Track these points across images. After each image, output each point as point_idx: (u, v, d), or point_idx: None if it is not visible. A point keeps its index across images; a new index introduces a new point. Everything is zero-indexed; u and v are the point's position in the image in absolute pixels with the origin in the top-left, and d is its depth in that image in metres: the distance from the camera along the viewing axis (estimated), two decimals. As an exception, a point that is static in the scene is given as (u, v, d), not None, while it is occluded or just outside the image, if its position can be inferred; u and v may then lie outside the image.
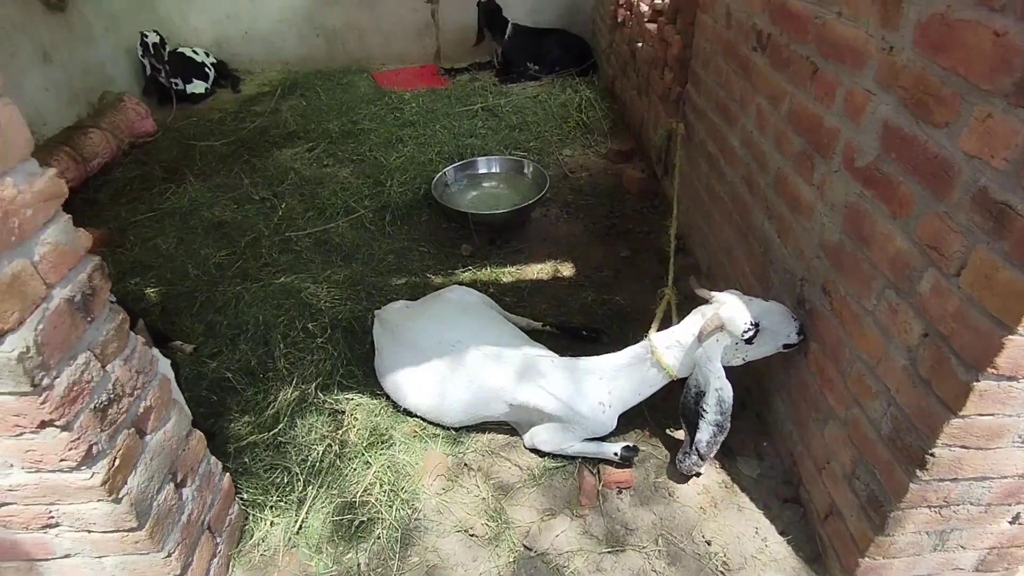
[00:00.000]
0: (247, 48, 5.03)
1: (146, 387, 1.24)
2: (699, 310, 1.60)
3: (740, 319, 1.47)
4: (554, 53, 4.61)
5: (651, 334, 1.65)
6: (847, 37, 1.33)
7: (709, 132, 2.29)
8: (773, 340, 1.51)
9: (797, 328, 1.50)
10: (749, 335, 1.47)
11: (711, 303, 1.58)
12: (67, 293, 1.02)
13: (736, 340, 1.50)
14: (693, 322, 1.59)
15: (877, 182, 1.24)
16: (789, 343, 1.51)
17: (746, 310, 1.48)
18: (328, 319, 2.15)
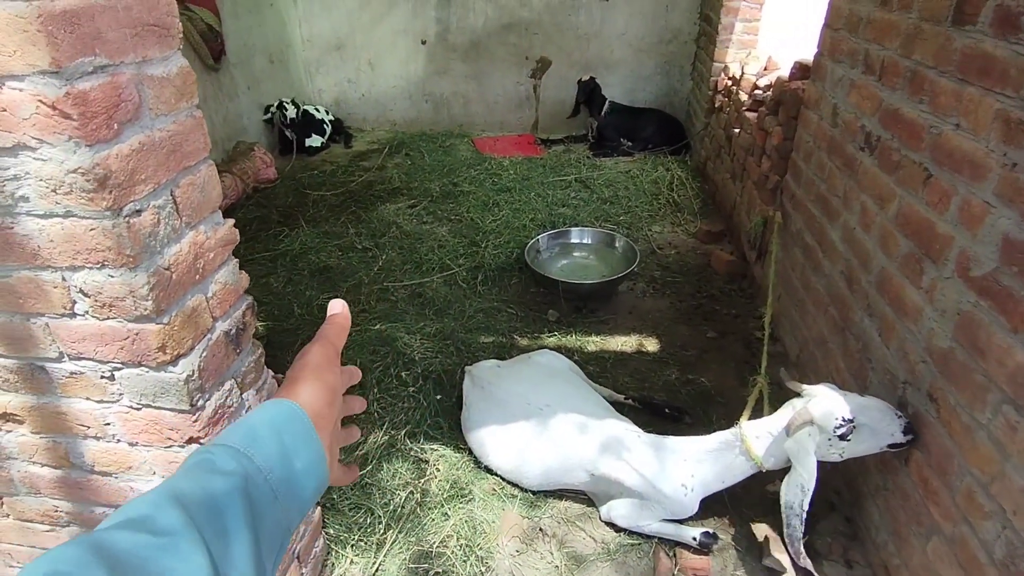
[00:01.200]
0: (361, 108, 5.50)
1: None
2: (791, 403, 1.58)
3: (832, 414, 1.43)
4: (648, 131, 4.76)
5: (742, 422, 1.64)
6: (965, 149, 1.35)
7: (807, 223, 2.30)
8: (874, 438, 1.43)
9: (903, 427, 1.42)
10: (841, 432, 1.43)
11: (803, 396, 1.56)
12: (226, 326, 1.17)
13: (829, 436, 1.46)
14: (785, 415, 1.57)
15: (995, 294, 1.22)
16: (895, 443, 1.43)
17: (840, 405, 1.44)
18: (421, 369, 2.26)
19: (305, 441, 0.46)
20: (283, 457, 0.44)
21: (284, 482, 0.43)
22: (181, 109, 1.01)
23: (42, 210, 0.89)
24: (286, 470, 0.44)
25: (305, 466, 0.45)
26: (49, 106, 0.80)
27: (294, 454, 0.45)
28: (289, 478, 0.44)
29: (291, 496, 0.44)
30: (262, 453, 0.43)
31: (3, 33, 0.76)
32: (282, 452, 0.44)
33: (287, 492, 0.43)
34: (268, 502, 0.42)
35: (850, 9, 2.03)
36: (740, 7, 3.95)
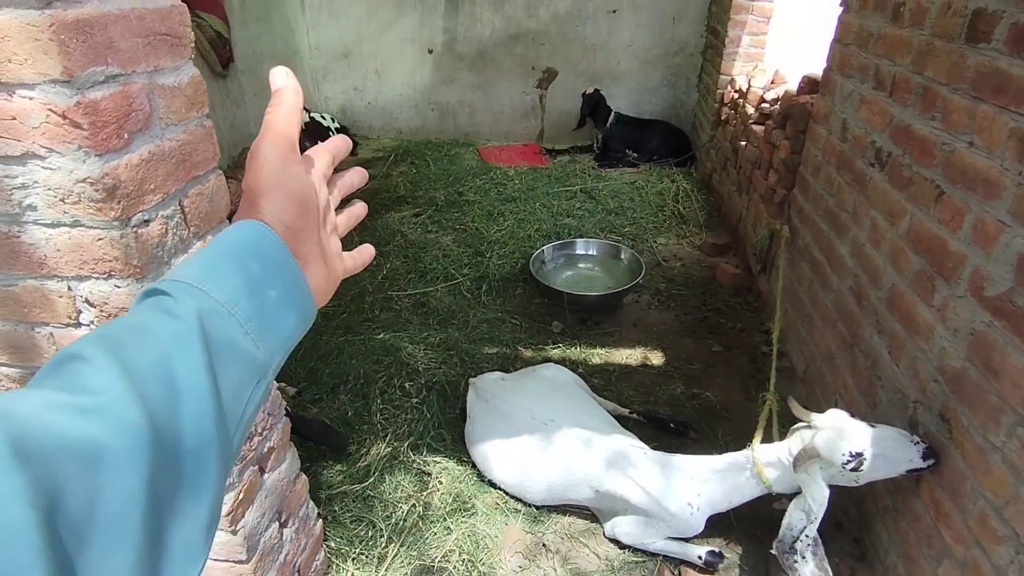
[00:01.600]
0: (367, 116, 5.51)
1: (273, 428, 1.34)
2: (800, 433, 1.53)
3: (839, 450, 1.36)
4: (654, 142, 4.77)
5: (755, 444, 1.61)
6: (979, 167, 1.34)
7: (815, 238, 2.29)
8: (890, 465, 1.38)
9: (922, 452, 1.36)
10: (850, 466, 1.36)
11: (811, 424, 1.50)
12: (231, 337, 1.15)
13: (839, 469, 1.41)
14: (796, 443, 1.52)
15: (1010, 314, 1.21)
16: (915, 468, 1.37)
17: (848, 438, 1.37)
18: (424, 380, 2.25)
19: (278, 266, 0.39)
20: (251, 288, 0.38)
21: (256, 317, 0.37)
22: (191, 119, 1.01)
23: (49, 219, 0.88)
24: (256, 302, 0.38)
25: (281, 295, 0.39)
26: (59, 115, 0.79)
27: (265, 282, 0.38)
28: (262, 311, 0.38)
29: (267, 331, 0.38)
30: (222, 287, 0.37)
31: (14, 41, 0.75)
32: (249, 283, 0.38)
33: (261, 327, 0.37)
34: (233, 342, 0.36)
35: (860, 24, 2.03)
36: (747, 21, 3.96)
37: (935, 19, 1.55)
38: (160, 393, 0.31)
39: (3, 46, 0.75)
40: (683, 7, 4.73)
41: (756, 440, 1.67)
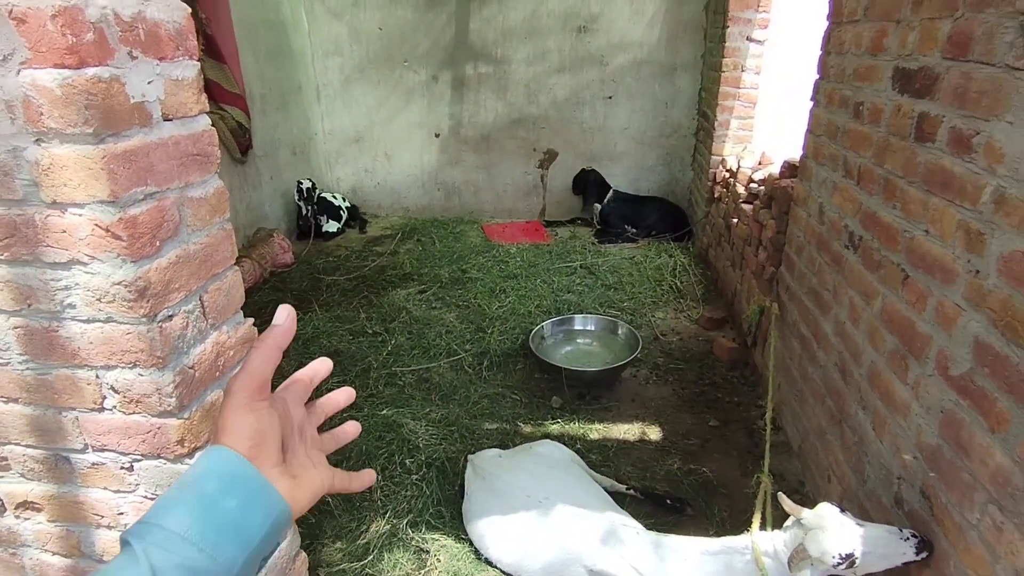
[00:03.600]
0: (377, 196, 5.78)
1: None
2: (792, 530, 1.54)
3: (828, 552, 1.38)
4: (652, 218, 4.95)
5: (753, 531, 1.62)
6: (935, 254, 1.44)
7: (802, 315, 2.38)
8: (884, 561, 1.39)
9: (915, 546, 1.37)
10: (842, 568, 1.37)
11: (802, 523, 1.52)
12: (240, 419, 1.24)
13: (831, 569, 1.42)
14: (789, 540, 1.53)
15: (972, 393, 1.27)
16: (910, 561, 1.39)
17: (837, 540, 1.38)
18: (425, 457, 2.29)
19: (233, 478, 0.48)
20: (205, 507, 0.46)
21: (214, 530, 0.45)
22: (214, 224, 1.13)
23: (86, 316, 1.00)
24: (213, 517, 0.46)
25: (241, 502, 0.47)
26: (104, 229, 0.92)
27: (223, 496, 0.47)
28: (220, 523, 0.46)
29: (227, 538, 0.46)
30: (175, 515, 0.45)
31: (71, 170, 0.89)
32: (203, 503, 0.46)
33: (219, 538, 0.46)
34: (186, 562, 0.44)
35: (828, 118, 2.20)
36: (735, 106, 4.21)
37: (889, 119, 1.70)
38: None
39: (61, 173, 0.89)
40: (675, 93, 5.03)
41: (754, 526, 1.68)
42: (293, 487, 0.52)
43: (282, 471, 0.52)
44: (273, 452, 0.52)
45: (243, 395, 0.51)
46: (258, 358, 0.52)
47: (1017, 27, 1.17)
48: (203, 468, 0.49)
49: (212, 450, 0.49)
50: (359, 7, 5.07)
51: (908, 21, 1.64)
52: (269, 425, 0.52)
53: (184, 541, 0.45)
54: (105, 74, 0.86)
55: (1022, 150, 1.15)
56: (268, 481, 0.50)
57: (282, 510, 0.50)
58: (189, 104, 1.04)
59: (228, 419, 0.51)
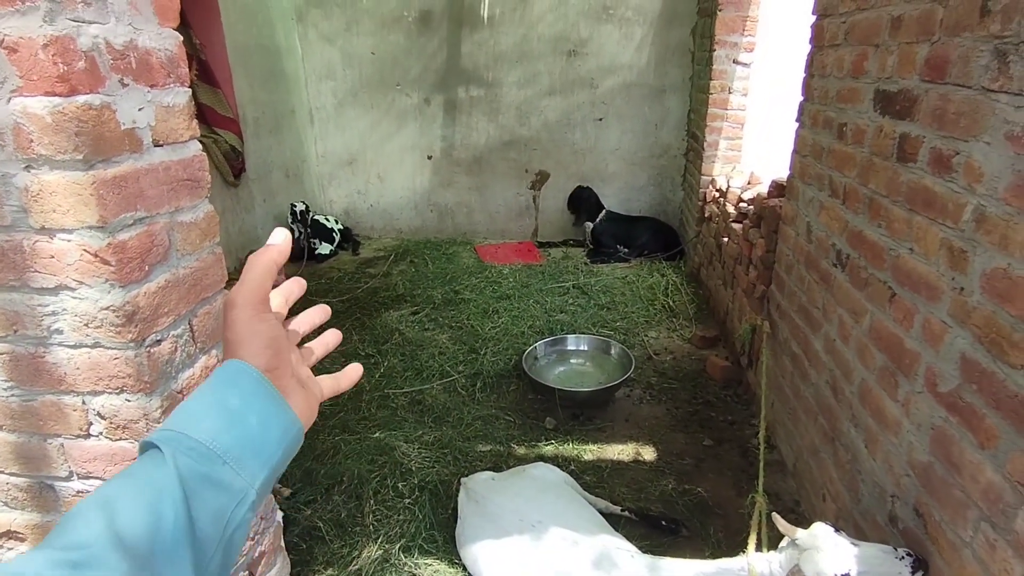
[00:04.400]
0: (370, 217, 5.79)
1: (265, 532, 1.38)
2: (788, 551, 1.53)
3: (825, 572, 1.36)
4: (643, 238, 4.99)
5: (749, 552, 1.61)
6: (920, 272, 1.46)
7: (792, 333, 2.39)
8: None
9: (910, 565, 1.37)
10: None
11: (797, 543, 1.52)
12: (229, 444, 1.23)
13: None
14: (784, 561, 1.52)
15: (961, 410, 1.28)
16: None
17: (832, 561, 1.37)
18: (417, 480, 2.27)
19: (255, 395, 0.47)
20: (230, 421, 0.45)
21: (236, 445, 0.45)
22: (204, 248, 1.14)
23: (73, 341, 0.99)
24: (236, 432, 0.45)
25: (261, 419, 0.47)
26: (92, 254, 0.92)
27: (245, 412, 0.46)
28: (243, 439, 0.45)
29: (248, 455, 0.45)
30: (201, 426, 0.44)
31: (60, 196, 0.89)
32: (228, 417, 0.45)
33: (241, 453, 0.45)
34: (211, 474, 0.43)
35: (813, 139, 2.23)
36: (723, 127, 4.27)
37: (871, 140, 1.74)
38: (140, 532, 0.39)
39: (50, 199, 0.89)
40: (664, 115, 5.11)
41: (750, 547, 1.67)
42: (306, 401, 0.52)
43: (297, 383, 0.52)
44: (288, 363, 0.51)
45: (249, 307, 0.50)
46: (257, 271, 0.51)
47: (992, 51, 1.21)
48: (224, 381, 0.47)
49: (231, 364, 0.48)
50: (352, 32, 5.14)
51: (887, 45, 1.68)
52: (281, 335, 0.52)
53: (211, 452, 0.44)
54: (96, 101, 0.87)
55: (1000, 169, 1.17)
56: (284, 399, 0.49)
57: (298, 429, 0.50)
58: (180, 130, 1.05)
59: (239, 331, 0.49)
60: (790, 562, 1.48)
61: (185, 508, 0.41)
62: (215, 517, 0.43)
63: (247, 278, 0.51)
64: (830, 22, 2.12)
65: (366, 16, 5.07)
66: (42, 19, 0.81)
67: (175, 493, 0.41)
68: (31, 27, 0.81)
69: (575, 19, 4.91)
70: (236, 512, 0.44)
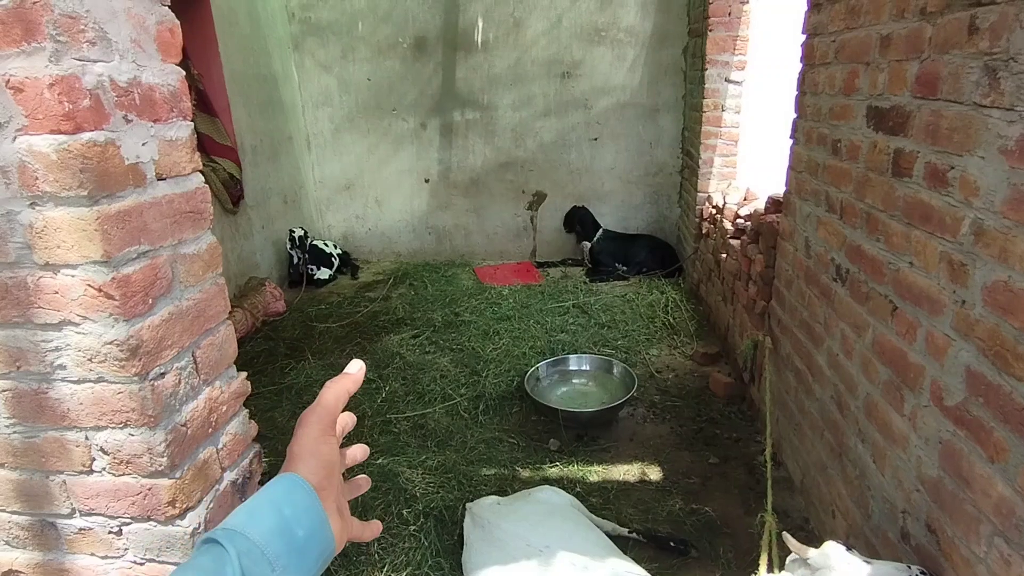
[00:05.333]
0: (368, 241, 5.81)
1: None
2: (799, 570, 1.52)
3: None
4: (641, 255, 5.00)
5: (761, 574, 1.60)
6: (921, 285, 1.46)
7: (795, 348, 2.39)
8: None
9: None
10: None
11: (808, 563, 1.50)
12: (233, 476, 1.22)
13: None
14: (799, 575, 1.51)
15: (969, 424, 1.28)
16: None
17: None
18: (422, 506, 2.24)
19: (306, 509, 0.50)
20: (283, 529, 0.48)
21: (285, 553, 0.47)
22: (207, 279, 1.14)
23: (76, 376, 0.99)
24: (286, 540, 0.48)
25: (307, 533, 0.49)
26: (96, 289, 0.92)
27: (295, 523, 0.49)
28: (290, 547, 0.48)
29: (292, 564, 0.48)
30: (259, 528, 0.47)
31: (64, 232, 0.89)
32: (281, 524, 0.48)
33: (287, 562, 0.47)
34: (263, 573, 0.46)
35: (808, 155, 2.26)
36: (717, 144, 4.31)
37: (866, 155, 1.75)
38: None
39: (55, 235, 0.90)
40: (658, 134, 5.16)
41: (762, 568, 1.65)
42: (342, 528, 0.54)
43: (337, 509, 0.54)
44: (335, 488, 0.55)
45: (319, 427, 0.54)
46: (332, 395, 0.56)
47: (981, 67, 1.23)
48: (282, 491, 0.51)
49: (288, 476, 0.52)
50: (348, 60, 5.20)
51: (877, 63, 1.70)
52: (337, 460, 0.55)
53: (264, 557, 0.47)
54: (100, 138, 0.88)
55: (996, 183, 1.18)
56: (327, 517, 0.52)
57: (331, 551, 0.53)
58: (183, 163, 1.06)
59: (305, 446, 0.53)
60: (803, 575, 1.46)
61: None
62: None
63: (322, 401, 0.56)
64: (820, 41, 2.15)
65: (362, 43, 5.14)
66: (48, 59, 0.82)
67: None
68: (37, 67, 0.82)
69: (568, 42, 4.98)
70: None
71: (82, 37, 0.85)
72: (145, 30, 0.97)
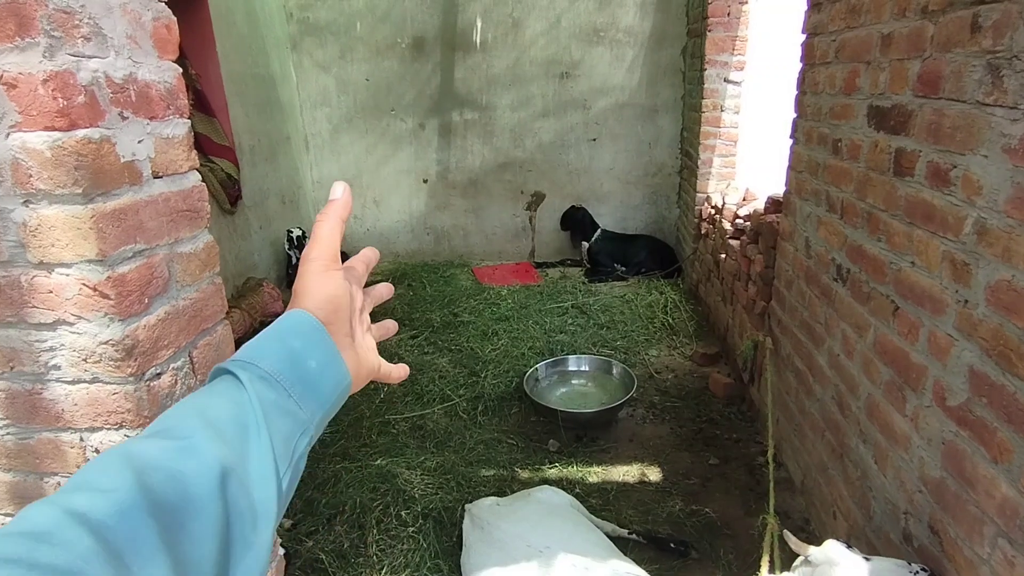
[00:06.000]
0: (366, 242, 5.76)
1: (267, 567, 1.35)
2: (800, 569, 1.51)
3: None
4: (640, 256, 4.99)
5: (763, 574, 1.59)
6: (923, 285, 1.45)
7: (795, 348, 2.38)
8: None
9: None
10: None
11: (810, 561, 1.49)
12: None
13: None
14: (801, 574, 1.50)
15: (972, 424, 1.27)
16: None
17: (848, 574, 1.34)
18: (421, 508, 2.23)
19: (314, 342, 0.50)
20: (292, 360, 0.48)
21: (299, 382, 0.48)
22: (204, 278, 1.13)
23: (71, 377, 0.97)
24: (298, 370, 0.48)
25: (319, 364, 0.49)
26: (91, 288, 0.91)
27: (305, 355, 0.49)
28: (303, 377, 0.48)
29: (308, 394, 0.48)
30: (269, 359, 0.47)
31: (59, 230, 0.88)
32: (291, 355, 0.48)
33: (303, 391, 0.48)
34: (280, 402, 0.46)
35: (808, 155, 2.25)
36: (716, 144, 4.31)
37: (867, 155, 1.75)
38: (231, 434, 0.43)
39: (49, 234, 0.88)
40: (657, 134, 5.15)
41: (763, 569, 1.64)
42: (357, 362, 0.54)
43: (349, 343, 0.54)
44: (345, 322, 0.54)
45: (320, 262, 0.54)
46: (326, 228, 0.55)
47: (984, 65, 1.22)
48: (288, 325, 0.51)
49: (293, 312, 0.52)
50: (346, 60, 5.19)
51: (878, 62, 1.70)
52: (344, 294, 0.54)
53: (279, 384, 0.47)
54: (95, 135, 0.87)
55: (999, 182, 1.18)
56: (338, 350, 0.52)
57: (348, 383, 0.53)
58: (179, 161, 1.05)
59: (307, 283, 0.53)
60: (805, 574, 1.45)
61: (265, 423, 0.44)
62: (285, 440, 0.46)
63: (317, 234, 0.55)
64: (820, 40, 2.15)
65: (360, 43, 5.13)
66: (42, 55, 0.80)
67: (257, 411, 0.45)
68: (31, 63, 0.81)
69: (567, 42, 4.97)
70: (300, 441, 0.47)
71: (77, 32, 0.84)
72: (141, 26, 0.96)
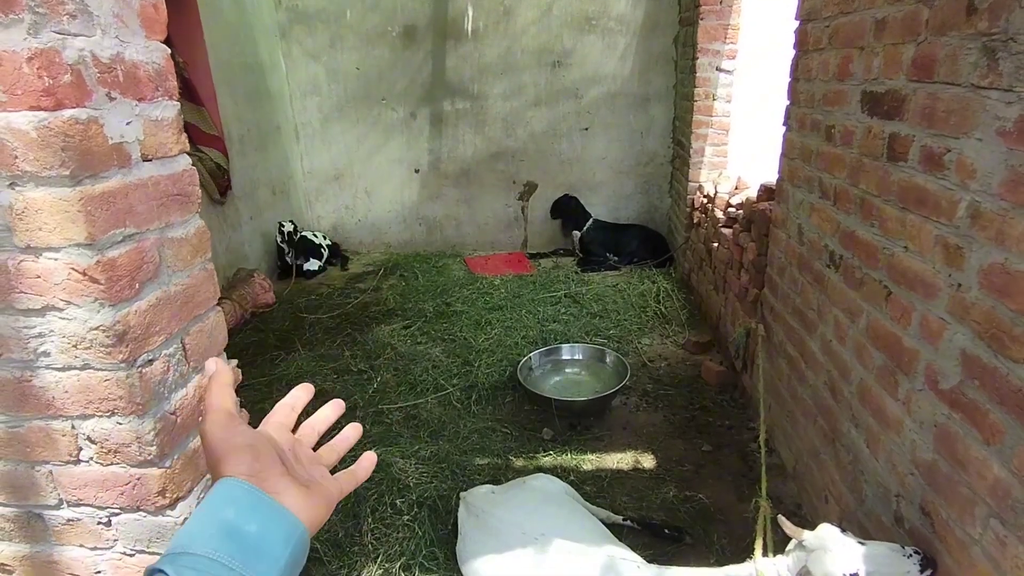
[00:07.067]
0: (358, 232, 5.76)
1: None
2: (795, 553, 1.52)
3: (834, 572, 1.36)
4: (632, 245, 5.00)
5: (756, 557, 1.60)
6: (916, 270, 1.46)
7: (788, 335, 2.39)
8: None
9: (919, 563, 1.36)
10: None
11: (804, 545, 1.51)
12: (224, 466, 1.19)
13: None
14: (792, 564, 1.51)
15: (964, 406, 1.28)
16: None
17: (840, 560, 1.37)
18: (416, 496, 2.23)
19: (249, 505, 0.49)
20: (228, 532, 0.47)
21: (239, 552, 0.46)
22: (196, 264, 1.11)
23: (61, 364, 0.96)
24: (236, 540, 0.46)
25: (260, 526, 0.48)
26: (80, 273, 0.89)
27: (242, 521, 0.47)
28: (245, 546, 0.46)
29: (254, 559, 0.46)
30: (200, 541, 0.46)
31: (46, 213, 0.86)
32: (225, 528, 0.47)
33: (246, 558, 0.46)
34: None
35: (801, 142, 2.25)
36: (708, 134, 4.31)
37: (860, 141, 1.75)
38: None
39: (36, 217, 0.87)
40: (649, 123, 5.14)
41: (757, 552, 1.66)
42: (307, 496, 0.53)
43: (290, 482, 0.52)
44: (275, 463, 0.52)
45: (218, 426, 0.53)
46: (212, 394, 0.55)
47: (979, 48, 1.22)
48: (218, 499, 0.49)
49: (220, 483, 0.50)
50: (336, 48, 5.13)
51: (872, 47, 1.69)
52: (258, 440, 0.53)
53: (214, 562, 0.45)
54: (82, 115, 0.85)
55: (993, 165, 1.18)
56: (281, 505, 0.50)
57: (301, 532, 0.51)
58: (169, 144, 1.03)
59: (217, 449, 0.51)
60: (798, 564, 1.47)
61: None
62: None
63: (207, 403, 0.55)
64: (814, 26, 2.14)
65: (350, 32, 5.07)
66: (26, 32, 0.78)
67: None
68: (15, 40, 0.79)
69: (558, 30, 4.94)
70: None
71: (62, 9, 0.82)
72: (128, 4, 0.94)
